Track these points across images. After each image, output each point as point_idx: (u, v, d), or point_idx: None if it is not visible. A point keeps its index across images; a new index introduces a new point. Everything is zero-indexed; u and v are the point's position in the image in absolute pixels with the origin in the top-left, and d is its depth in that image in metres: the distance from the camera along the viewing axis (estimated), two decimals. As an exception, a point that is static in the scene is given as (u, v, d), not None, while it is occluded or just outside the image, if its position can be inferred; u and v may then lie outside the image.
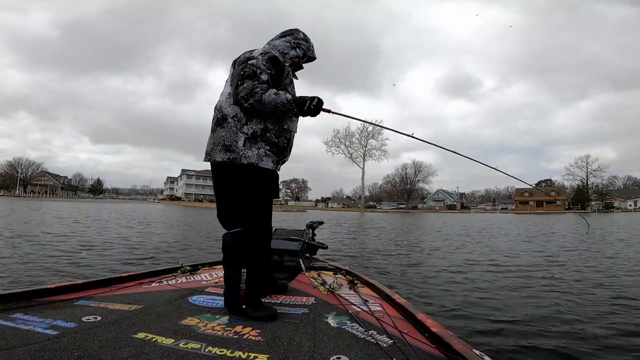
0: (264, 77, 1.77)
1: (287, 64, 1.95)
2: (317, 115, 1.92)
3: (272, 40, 2.05)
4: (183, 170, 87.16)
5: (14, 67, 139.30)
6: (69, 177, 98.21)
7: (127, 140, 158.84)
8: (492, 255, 7.96)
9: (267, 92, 1.73)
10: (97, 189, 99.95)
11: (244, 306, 1.78)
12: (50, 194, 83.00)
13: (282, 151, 1.90)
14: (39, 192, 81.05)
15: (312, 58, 2.13)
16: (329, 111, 1.97)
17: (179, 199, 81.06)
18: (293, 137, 1.97)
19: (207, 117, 2.01)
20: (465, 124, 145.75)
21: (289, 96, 1.76)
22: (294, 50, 2.00)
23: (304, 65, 2.13)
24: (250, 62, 1.80)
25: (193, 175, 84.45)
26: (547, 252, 8.55)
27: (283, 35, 2.04)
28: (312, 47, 2.09)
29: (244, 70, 1.78)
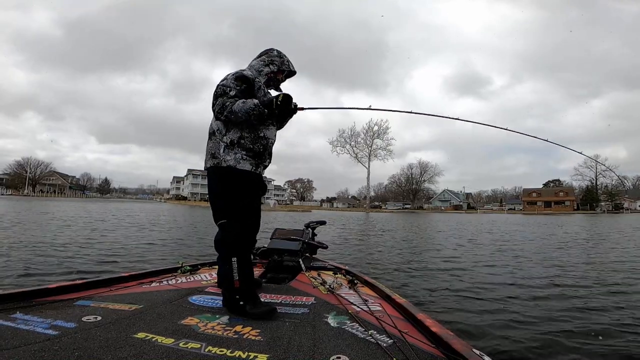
0: (232, 92, 2.05)
1: (263, 80, 2.23)
2: (294, 114, 2.23)
3: (251, 61, 2.32)
4: (189, 170, 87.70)
5: (19, 67, 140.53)
6: (77, 177, 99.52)
7: (133, 140, 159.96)
8: (497, 256, 7.90)
9: (236, 103, 2.00)
10: (104, 189, 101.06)
11: (241, 302, 1.85)
12: (58, 193, 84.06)
13: (259, 155, 2.11)
14: (47, 192, 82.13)
15: (291, 72, 2.37)
16: (302, 108, 2.21)
17: (185, 198, 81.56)
18: (270, 143, 2.18)
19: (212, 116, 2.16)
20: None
21: (255, 100, 2.01)
22: (268, 67, 2.25)
23: (286, 80, 2.40)
24: (220, 83, 2.10)
25: (199, 175, 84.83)
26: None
27: (259, 55, 2.32)
28: (287, 61, 2.32)
29: (216, 91, 2.08)
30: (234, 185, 2.05)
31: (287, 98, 2.01)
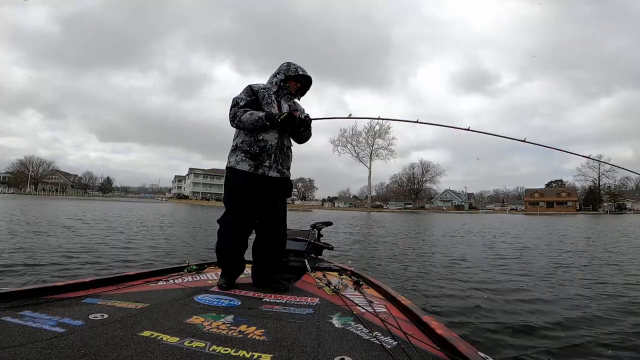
0: (242, 103, 2.41)
1: (274, 89, 2.52)
2: (307, 127, 2.48)
3: None
4: (190, 169, 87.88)
5: (18, 64, 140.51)
6: (79, 176, 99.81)
7: (134, 138, 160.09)
8: (503, 256, 7.88)
9: (244, 114, 2.35)
10: (106, 188, 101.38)
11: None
12: (60, 192, 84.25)
13: (256, 156, 2.37)
14: (49, 190, 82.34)
15: (305, 78, 2.58)
16: (311, 119, 2.47)
17: (186, 197, 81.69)
18: (269, 145, 2.39)
19: (214, 115, 1.95)
20: (479, 122, 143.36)
21: (261, 114, 2.33)
22: (275, 77, 2.55)
23: (306, 88, 2.65)
24: (235, 97, 2.46)
25: (200, 174, 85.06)
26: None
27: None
28: (295, 68, 2.54)
29: (231, 103, 2.44)
30: (232, 182, 2.39)
31: (289, 118, 2.31)
